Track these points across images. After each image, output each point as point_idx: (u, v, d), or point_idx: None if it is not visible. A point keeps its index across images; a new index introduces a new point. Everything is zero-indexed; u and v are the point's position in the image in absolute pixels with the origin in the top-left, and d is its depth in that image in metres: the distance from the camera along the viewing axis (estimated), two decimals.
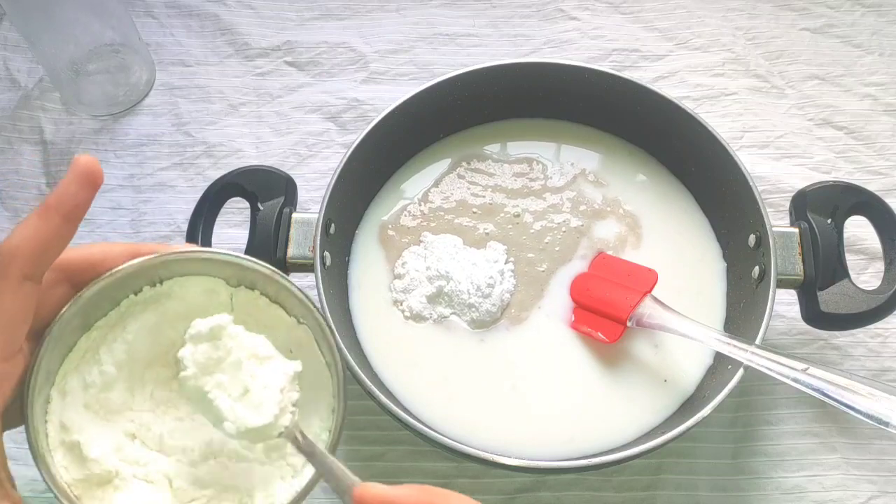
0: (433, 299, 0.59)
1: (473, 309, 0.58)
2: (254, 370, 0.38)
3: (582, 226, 0.63)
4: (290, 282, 0.42)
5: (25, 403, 0.36)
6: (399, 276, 0.61)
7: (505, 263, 0.61)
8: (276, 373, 0.39)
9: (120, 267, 0.39)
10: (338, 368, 0.41)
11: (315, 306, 0.42)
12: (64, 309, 0.38)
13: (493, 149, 0.67)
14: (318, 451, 0.37)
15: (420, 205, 0.64)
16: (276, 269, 0.42)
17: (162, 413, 0.41)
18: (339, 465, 0.37)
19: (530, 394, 0.57)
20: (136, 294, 0.41)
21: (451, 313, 0.59)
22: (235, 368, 0.38)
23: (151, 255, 0.40)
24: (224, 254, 0.42)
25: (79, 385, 0.39)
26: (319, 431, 0.42)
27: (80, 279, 0.38)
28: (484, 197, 0.64)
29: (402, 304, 0.60)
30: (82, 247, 0.38)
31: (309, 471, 0.40)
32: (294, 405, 0.38)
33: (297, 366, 0.39)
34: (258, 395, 0.37)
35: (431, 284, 0.59)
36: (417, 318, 0.59)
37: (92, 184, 0.36)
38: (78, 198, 0.36)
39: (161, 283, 0.42)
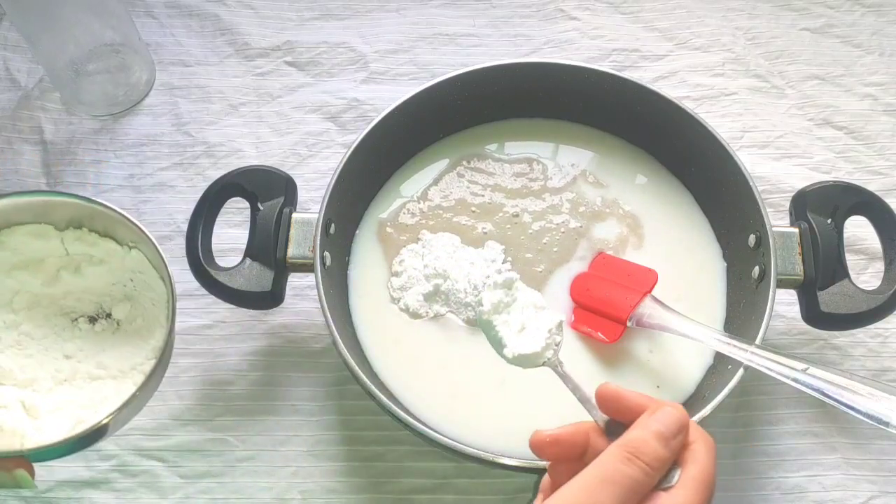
0: (430, 297, 0.59)
1: (469, 308, 0.58)
2: (531, 315, 0.48)
3: (581, 227, 0.63)
4: (113, 209, 0.44)
5: None
6: (397, 274, 0.61)
7: (502, 263, 0.61)
8: (547, 319, 0.47)
9: None
10: (166, 274, 0.44)
11: (136, 224, 0.45)
12: None
13: (493, 148, 0.67)
14: (569, 378, 0.44)
15: (419, 203, 0.64)
16: (94, 199, 0.44)
17: (13, 354, 0.44)
18: (582, 387, 0.43)
19: (530, 394, 0.56)
20: None
21: (447, 311, 0.59)
22: (518, 311, 0.48)
23: None
24: (42, 192, 0.44)
25: None
26: (162, 335, 0.45)
27: None
28: (483, 196, 0.64)
29: (399, 302, 0.60)
30: None
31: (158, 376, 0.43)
32: (557, 345, 0.46)
33: (561, 316, 0.49)
34: (532, 332, 0.46)
35: (428, 283, 0.59)
36: (414, 315, 0.59)
37: None
38: None
39: None
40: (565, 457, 0.39)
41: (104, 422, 0.40)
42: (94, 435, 0.40)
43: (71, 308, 0.46)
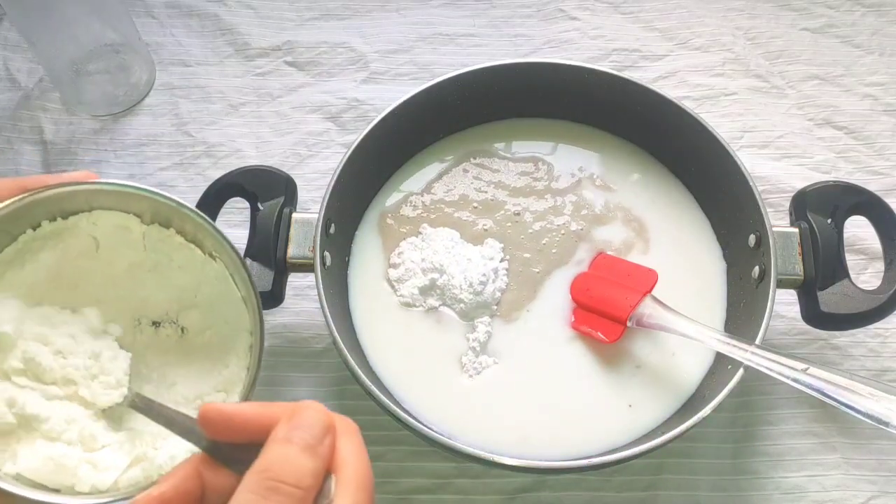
0: (425, 291, 0.59)
1: (462, 303, 0.58)
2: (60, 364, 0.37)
3: (581, 230, 0.63)
4: (204, 218, 0.41)
5: None
6: (394, 266, 0.61)
7: (500, 262, 0.61)
8: (101, 343, 0.38)
9: (8, 202, 0.37)
10: (254, 303, 0.40)
11: (228, 242, 0.40)
12: None
13: (500, 147, 0.67)
14: (158, 409, 0.35)
15: (422, 195, 0.64)
16: (188, 204, 0.41)
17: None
18: (177, 412, 0.35)
19: (530, 394, 0.57)
20: (34, 229, 0.39)
21: (441, 305, 0.59)
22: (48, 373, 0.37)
23: (42, 189, 0.37)
24: (129, 185, 0.39)
25: None
26: (238, 370, 0.40)
27: None
28: (486, 193, 0.65)
29: (396, 293, 0.60)
30: None
31: None
32: (126, 373, 0.37)
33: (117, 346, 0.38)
34: (95, 368, 0.37)
35: (425, 276, 0.59)
36: (408, 306, 0.59)
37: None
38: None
39: (66, 217, 0.39)
40: None
41: (152, 483, 0.35)
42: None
43: (135, 309, 0.41)
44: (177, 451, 0.37)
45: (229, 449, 0.32)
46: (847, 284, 0.56)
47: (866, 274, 0.66)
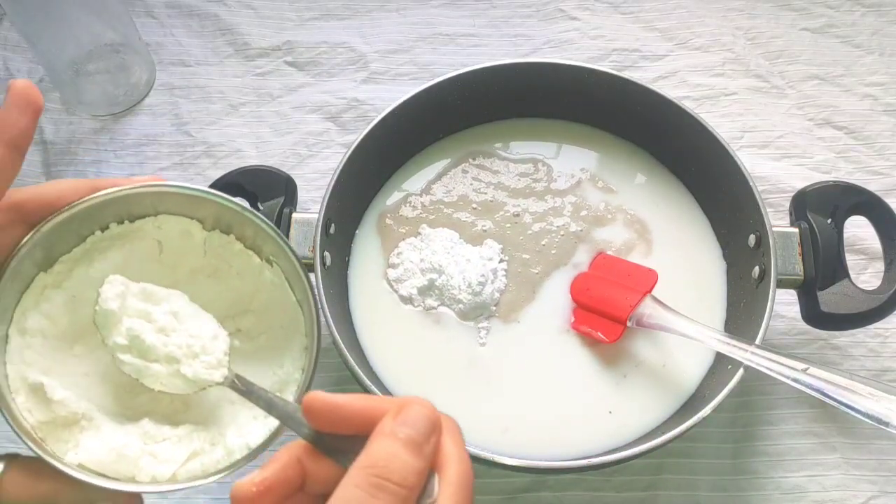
0: (424, 291, 0.59)
1: (461, 303, 0.58)
2: (180, 329, 0.38)
3: (581, 231, 0.63)
4: (264, 220, 0.41)
5: None
6: (393, 266, 0.61)
7: (499, 262, 0.61)
8: (204, 324, 0.38)
9: (80, 200, 0.37)
10: (310, 306, 0.40)
11: (288, 245, 0.41)
12: (22, 242, 0.36)
13: (499, 147, 0.67)
14: (255, 390, 0.36)
15: (421, 196, 0.64)
16: (251, 208, 0.41)
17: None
18: (277, 396, 0.36)
19: (530, 394, 0.57)
20: (102, 231, 0.40)
21: (440, 305, 0.59)
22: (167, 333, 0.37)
23: (113, 189, 0.38)
24: (197, 189, 0.40)
25: (40, 323, 0.37)
26: (292, 370, 0.41)
27: (35, 219, 0.36)
28: (486, 194, 0.64)
29: (395, 294, 0.60)
30: (35, 186, 0.37)
31: None
32: (226, 353, 0.37)
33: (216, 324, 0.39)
34: (195, 348, 0.37)
35: (424, 276, 0.59)
36: (407, 305, 0.60)
37: (32, 108, 0.34)
38: (20, 123, 0.34)
39: (132, 220, 0.40)
40: (282, 501, 0.32)
41: (226, 474, 0.36)
42: (211, 483, 0.36)
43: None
44: (234, 446, 0.37)
45: (331, 439, 0.32)
46: (847, 284, 0.56)
47: (866, 274, 0.66)
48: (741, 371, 0.50)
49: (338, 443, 0.32)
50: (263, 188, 0.60)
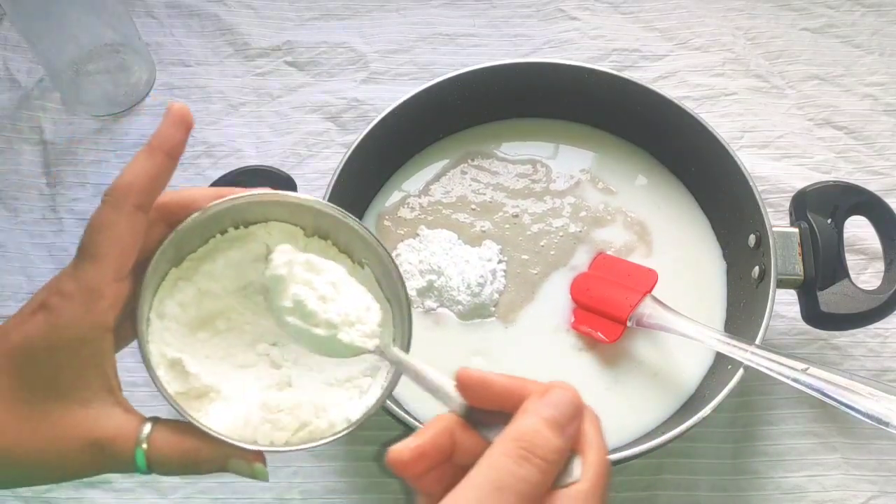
0: (423, 293, 0.59)
1: (460, 304, 0.58)
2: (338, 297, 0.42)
3: (580, 232, 0.63)
4: (360, 224, 0.44)
5: (138, 321, 0.40)
6: None
7: (498, 263, 0.61)
8: (359, 296, 0.42)
9: (209, 205, 0.42)
10: (402, 301, 0.43)
11: (380, 242, 0.44)
12: (165, 240, 0.41)
13: (499, 146, 0.67)
14: (410, 365, 0.40)
15: (420, 197, 0.64)
16: (349, 214, 0.44)
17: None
18: (425, 366, 0.39)
19: None
20: (222, 234, 0.44)
21: (439, 306, 0.59)
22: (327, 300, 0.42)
23: (234, 195, 0.43)
24: (299, 197, 0.44)
25: (174, 310, 0.42)
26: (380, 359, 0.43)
27: (175, 218, 0.41)
28: (484, 195, 0.64)
29: None
30: (175, 191, 0.42)
31: (375, 392, 0.42)
32: (378, 324, 0.41)
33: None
34: (352, 317, 0.41)
35: (423, 278, 0.59)
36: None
37: (185, 125, 0.41)
38: (176, 137, 0.41)
39: (246, 226, 0.45)
40: (433, 467, 0.35)
41: (331, 439, 0.40)
42: (319, 447, 0.40)
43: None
44: (336, 419, 0.41)
45: (478, 413, 0.35)
46: (847, 284, 0.56)
47: (866, 274, 0.66)
48: (741, 371, 0.50)
49: (484, 417, 0.34)
50: None
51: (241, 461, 0.38)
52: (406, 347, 0.43)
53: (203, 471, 0.38)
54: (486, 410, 0.35)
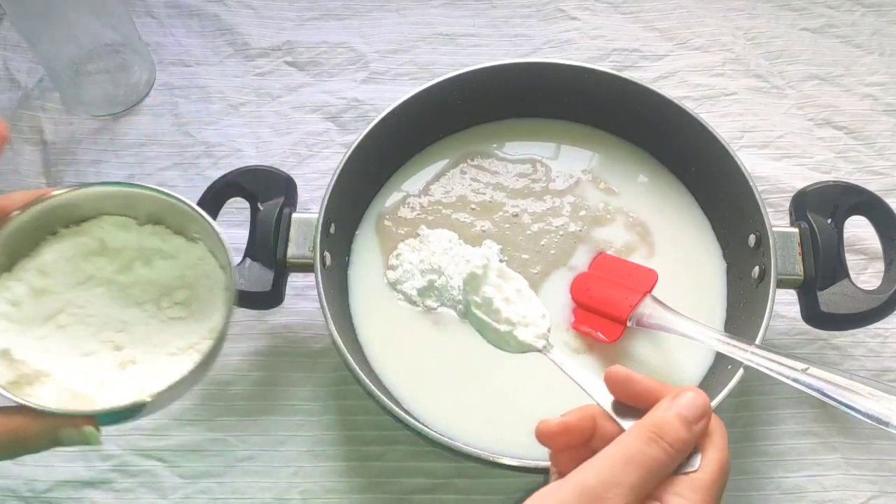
0: (423, 293, 0.59)
1: (460, 304, 0.58)
2: (517, 299, 0.51)
3: (580, 231, 0.63)
4: (189, 204, 0.47)
5: None
6: (392, 268, 0.61)
7: (498, 263, 0.61)
8: (535, 304, 0.51)
9: (29, 203, 0.44)
10: (229, 263, 0.47)
11: (204, 216, 0.47)
12: None
13: (499, 146, 0.67)
14: (567, 363, 0.46)
15: (420, 197, 0.64)
16: (172, 193, 0.47)
17: (81, 329, 0.46)
18: (580, 369, 0.45)
19: (530, 394, 0.57)
20: (53, 235, 0.46)
21: (439, 306, 0.59)
22: (505, 296, 0.51)
23: (55, 192, 0.45)
24: (126, 184, 0.47)
25: (5, 306, 0.44)
26: (220, 319, 0.47)
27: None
28: (484, 194, 0.65)
29: (395, 294, 0.60)
30: None
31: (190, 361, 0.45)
32: (548, 330, 0.50)
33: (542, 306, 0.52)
34: (528, 320, 0.50)
35: (423, 278, 0.59)
36: (407, 306, 0.60)
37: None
38: None
39: (78, 223, 0.47)
40: (573, 444, 0.39)
41: (163, 390, 0.43)
42: (152, 404, 0.43)
43: (137, 296, 0.49)
44: (172, 379, 0.43)
45: (621, 408, 0.39)
46: (847, 284, 0.56)
47: (866, 274, 0.66)
48: (741, 371, 0.50)
49: (625, 411, 0.39)
50: (263, 188, 0.60)
51: (71, 428, 0.40)
52: (232, 296, 0.47)
53: (32, 447, 0.39)
54: (628, 406, 0.39)
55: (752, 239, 0.58)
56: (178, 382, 0.43)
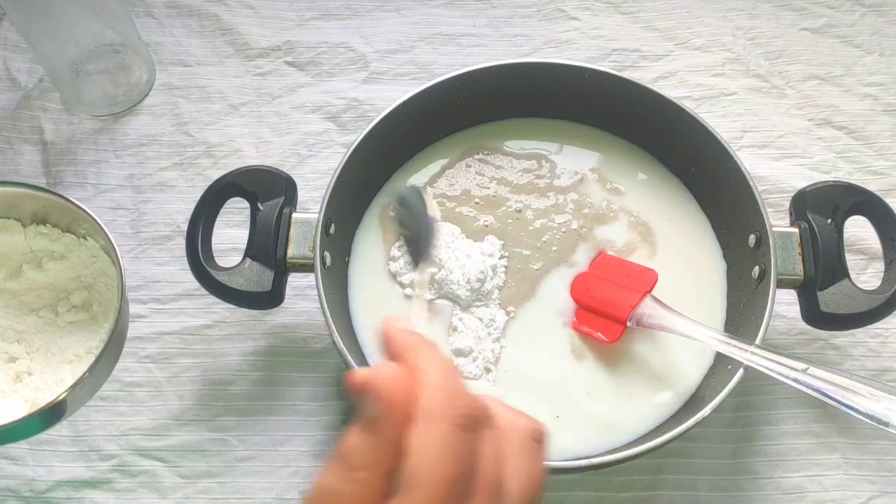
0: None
1: (459, 297, 0.59)
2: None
3: (582, 228, 0.63)
4: (71, 201, 0.46)
5: None
6: (394, 259, 0.61)
7: (499, 258, 0.61)
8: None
9: None
10: (117, 256, 0.47)
11: (89, 213, 0.47)
12: None
13: (504, 143, 0.67)
14: None
15: (425, 189, 0.64)
16: (49, 189, 0.47)
17: None
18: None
19: (529, 394, 0.57)
20: None
21: (438, 297, 0.59)
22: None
23: None
24: (13, 183, 0.47)
25: None
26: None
27: None
28: (488, 189, 0.65)
29: (395, 291, 0.60)
30: None
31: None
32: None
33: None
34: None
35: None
36: (408, 298, 0.60)
37: None
38: None
39: None
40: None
41: (59, 399, 0.42)
42: (49, 414, 0.42)
43: (31, 302, 0.48)
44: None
45: None
46: (847, 284, 0.56)
47: (866, 274, 0.66)
48: (741, 371, 0.50)
49: None
50: (263, 188, 0.60)
51: None
52: (121, 299, 0.45)
53: None
54: None
55: (752, 239, 0.58)
56: (70, 391, 0.42)
